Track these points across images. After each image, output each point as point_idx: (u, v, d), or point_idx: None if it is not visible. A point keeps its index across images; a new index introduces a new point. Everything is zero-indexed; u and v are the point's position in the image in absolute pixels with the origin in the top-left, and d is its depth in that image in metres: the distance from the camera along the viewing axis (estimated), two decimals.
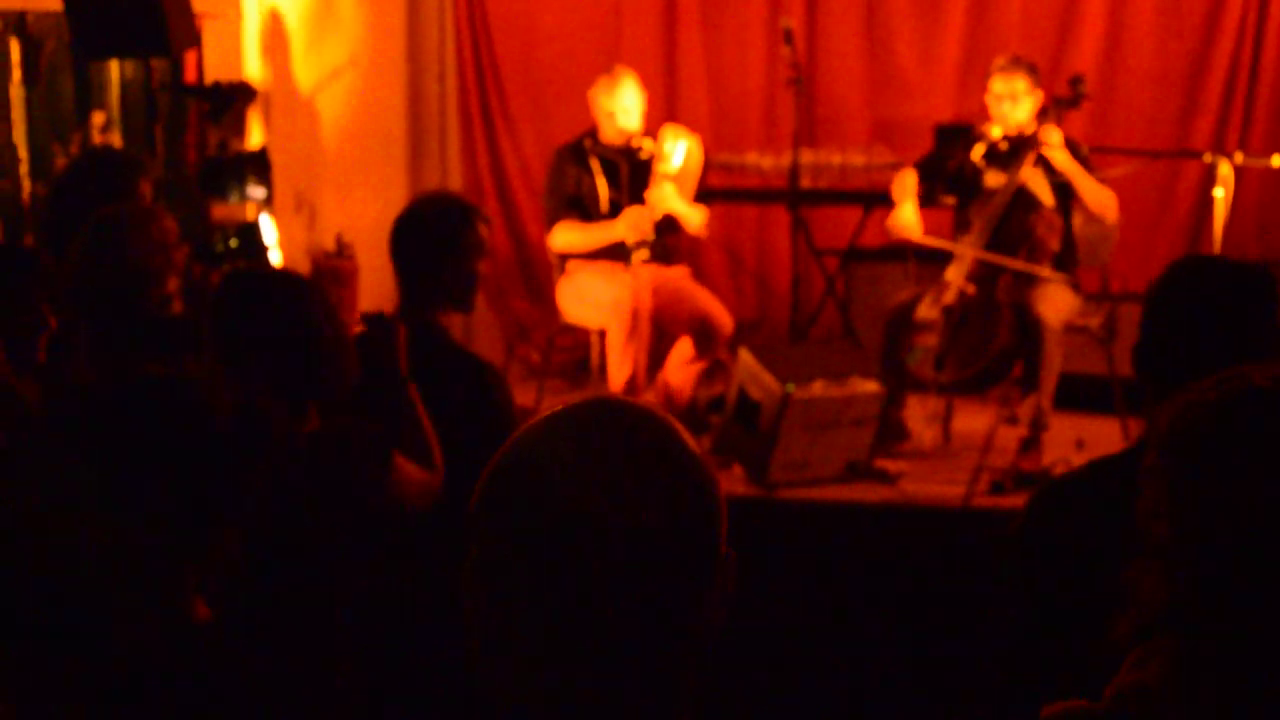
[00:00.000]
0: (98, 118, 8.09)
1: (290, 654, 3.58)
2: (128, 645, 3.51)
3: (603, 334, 7.61)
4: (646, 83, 7.69)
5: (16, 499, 4.66)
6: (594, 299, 7.51)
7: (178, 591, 3.96)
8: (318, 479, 3.88)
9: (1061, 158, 6.91)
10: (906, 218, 7.14)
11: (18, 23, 8.10)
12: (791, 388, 6.35)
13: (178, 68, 7.81)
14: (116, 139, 7.95)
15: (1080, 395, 7.19)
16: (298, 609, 3.68)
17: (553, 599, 1.44)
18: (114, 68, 8.16)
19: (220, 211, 7.68)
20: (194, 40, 7.40)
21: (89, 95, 8.32)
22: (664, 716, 1.48)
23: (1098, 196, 6.99)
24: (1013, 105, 7.04)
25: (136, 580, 3.83)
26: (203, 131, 7.91)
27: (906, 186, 7.30)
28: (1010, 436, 6.81)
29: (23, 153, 8.05)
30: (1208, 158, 7.35)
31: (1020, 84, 7.05)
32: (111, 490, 3.62)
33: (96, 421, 4.12)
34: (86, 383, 4.87)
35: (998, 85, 7.11)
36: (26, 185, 7.89)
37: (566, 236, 7.49)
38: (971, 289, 6.97)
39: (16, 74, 8.13)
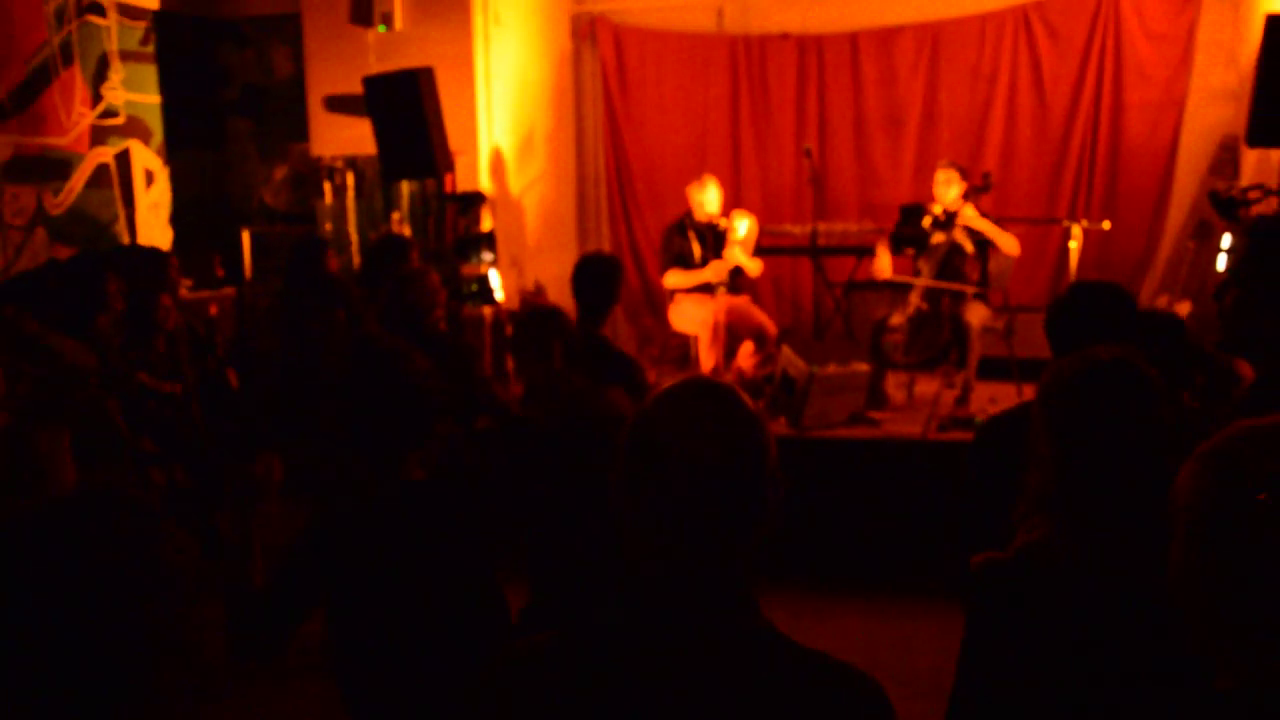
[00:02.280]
0: (395, 216, 8.25)
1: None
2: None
3: (696, 339, 7.58)
4: (721, 183, 7.62)
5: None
6: (691, 317, 7.50)
7: None
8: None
9: (979, 223, 6.91)
10: (882, 265, 7.13)
11: (352, 162, 8.27)
12: (815, 369, 6.32)
13: (441, 184, 7.84)
14: (406, 229, 8.09)
15: (992, 370, 7.06)
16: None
17: (667, 497, 1.45)
18: (405, 185, 8.20)
19: (466, 269, 7.82)
20: (450, 167, 7.52)
21: (390, 202, 8.36)
22: (736, 574, 1.48)
23: (1005, 241, 6.93)
24: (946, 190, 7.00)
25: None
26: (455, 221, 7.92)
27: (883, 255, 7.19)
28: (949, 396, 6.81)
29: (354, 237, 8.24)
30: (1066, 223, 7.40)
31: (953, 177, 7.01)
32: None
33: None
34: None
35: (939, 177, 7.06)
36: (355, 257, 8.09)
37: (674, 278, 7.44)
38: (925, 305, 6.96)
39: (351, 192, 8.29)
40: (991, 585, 2.04)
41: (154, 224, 8.79)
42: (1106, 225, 7.67)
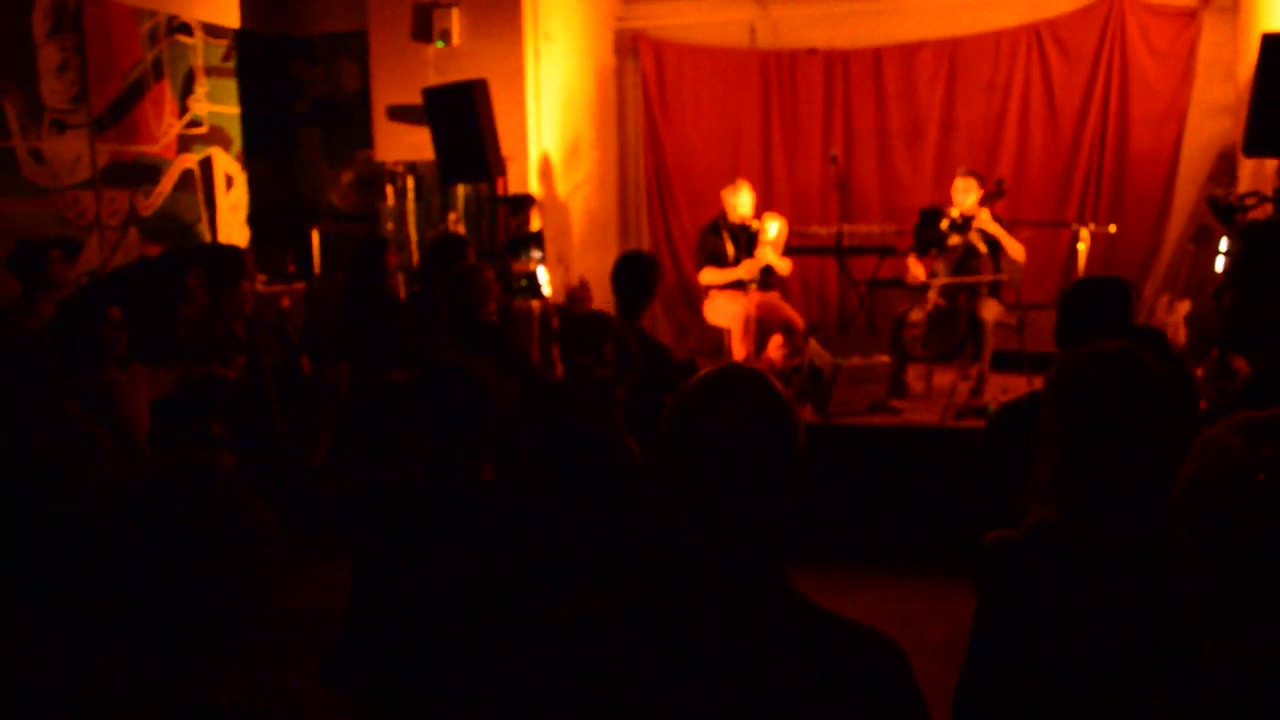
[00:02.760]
0: (451, 216, 8.29)
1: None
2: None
3: (730, 332, 7.54)
4: (753, 187, 7.63)
5: None
6: (725, 311, 7.49)
7: None
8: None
9: (992, 227, 6.89)
10: (916, 273, 7.07)
11: (412, 167, 8.34)
12: (840, 360, 6.30)
13: (494, 187, 7.81)
14: (461, 228, 8.12)
15: (1004, 363, 7.01)
16: None
17: (706, 473, 1.46)
18: (460, 188, 8.22)
19: (517, 266, 7.78)
20: (502, 171, 7.46)
21: (447, 203, 8.40)
22: (768, 545, 1.48)
23: (1013, 247, 6.92)
24: (965, 196, 6.99)
25: None
26: (507, 221, 7.91)
27: (915, 265, 7.13)
28: (964, 387, 6.80)
29: (413, 236, 8.31)
30: (1075, 226, 7.33)
31: (971, 185, 6.99)
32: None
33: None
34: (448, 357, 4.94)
35: (959, 184, 7.03)
36: (415, 254, 8.14)
37: (709, 275, 7.44)
38: (942, 302, 6.92)
39: (411, 194, 8.37)
40: (1003, 561, 2.04)
41: (233, 224, 8.89)
42: (1112, 228, 7.61)
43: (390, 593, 2.74)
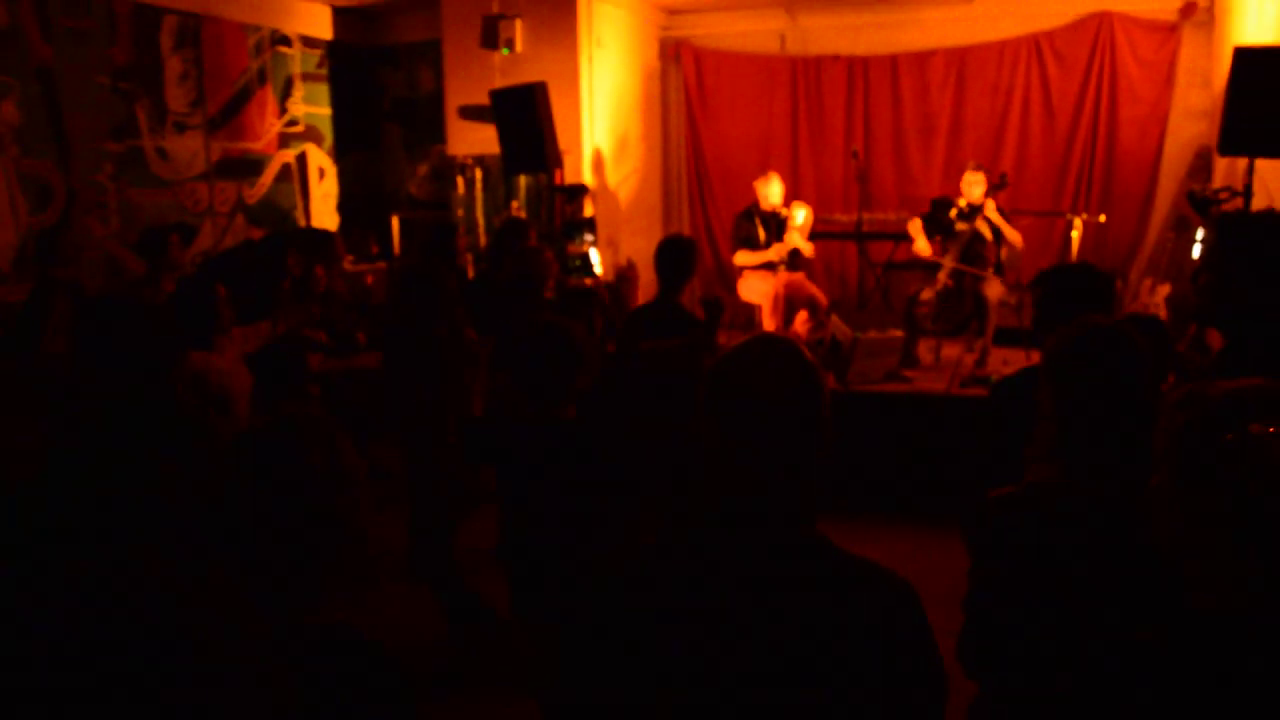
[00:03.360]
0: (514, 204, 8.32)
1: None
2: None
3: (760, 308, 7.42)
4: (782, 178, 7.51)
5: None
6: (756, 290, 7.39)
7: None
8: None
9: (995, 216, 6.84)
10: (920, 245, 7.08)
11: (480, 160, 8.34)
12: (858, 334, 6.29)
13: (551, 177, 7.75)
14: (523, 214, 8.11)
15: (1006, 338, 6.94)
16: None
17: (743, 427, 1.44)
18: (523, 179, 8.28)
19: (571, 248, 7.78)
20: (559, 163, 7.44)
21: (510, 192, 8.43)
22: (798, 492, 1.46)
23: (1013, 235, 6.88)
24: (972, 188, 6.93)
25: None
26: (563, 208, 7.88)
27: (918, 227, 7.13)
28: (970, 359, 6.68)
29: (480, 221, 8.34)
30: (1069, 216, 7.30)
31: (979, 178, 6.93)
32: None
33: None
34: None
35: (968, 178, 6.97)
36: (482, 237, 8.20)
37: (742, 257, 7.36)
38: (950, 283, 6.90)
39: (479, 184, 8.40)
40: (1004, 514, 2.02)
41: (324, 211, 9.03)
42: (1102, 218, 7.61)
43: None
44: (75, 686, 0.77)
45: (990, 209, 6.89)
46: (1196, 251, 6.79)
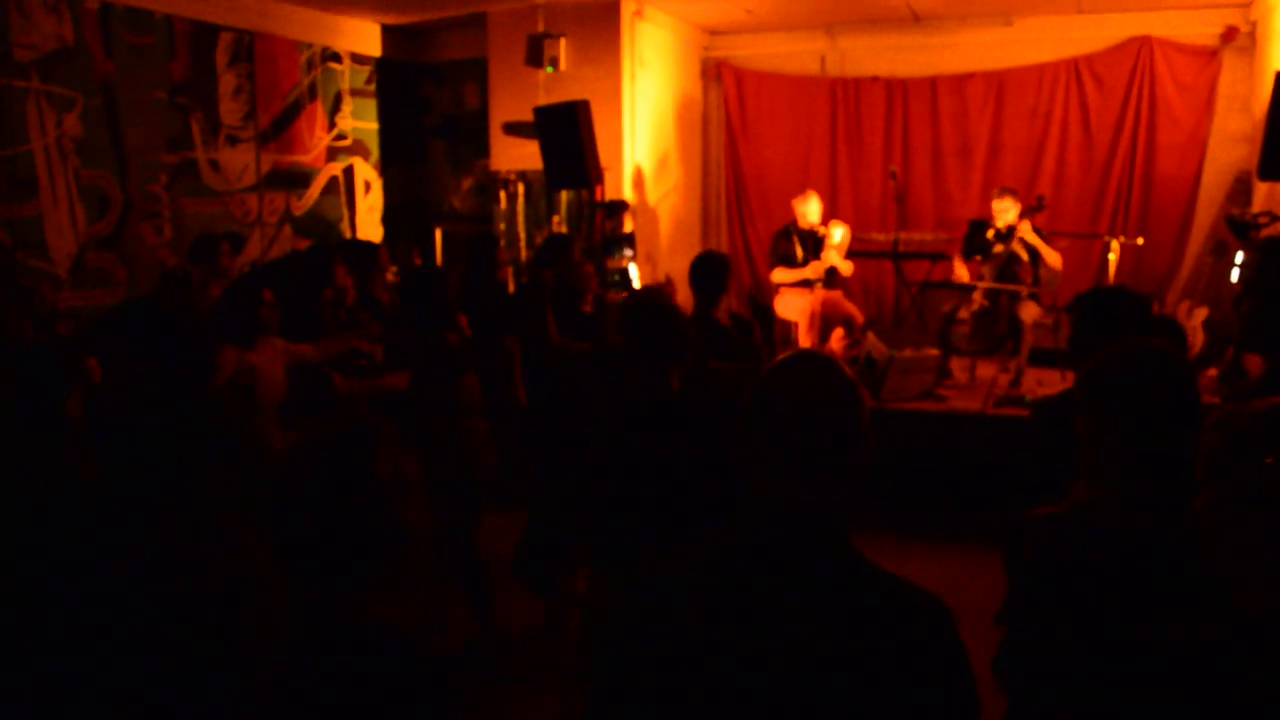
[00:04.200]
0: (555, 219, 8.35)
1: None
2: None
3: (797, 325, 7.44)
4: (821, 197, 7.53)
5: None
6: (793, 307, 7.42)
7: None
8: None
9: (1031, 238, 6.82)
10: (961, 273, 7.11)
11: (522, 175, 8.37)
12: (894, 353, 6.29)
13: (593, 193, 7.88)
14: (564, 228, 8.19)
15: (1041, 359, 6.95)
16: None
17: (785, 441, 1.44)
18: (564, 194, 8.27)
19: (611, 263, 7.77)
20: (600, 179, 7.47)
21: (552, 207, 8.44)
22: (835, 507, 1.44)
23: (1051, 256, 6.86)
24: (1002, 214, 6.94)
25: None
26: (603, 224, 7.84)
27: (959, 266, 7.17)
28: (1004, 379, 6.71)
29: (522, 235, 8.40)
30: (1106, 238, 7.33)
31: (1010, 201, 6.94)
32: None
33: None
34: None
35: (996, 205, 7.00)
36: (523, 251, 8.25)
37: (780, 274, 7.36)
38: (986, 303, 6.91)
39: (521, 199, 8.44)
40: (1046, 533, 2.00)
41: (370, 223, 9.14)
42: (1139, 241, 7.60)
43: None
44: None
45: (1026, 230, 6.88)
46: (1235, 275, 6.76)
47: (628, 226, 8.09)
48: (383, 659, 1.65)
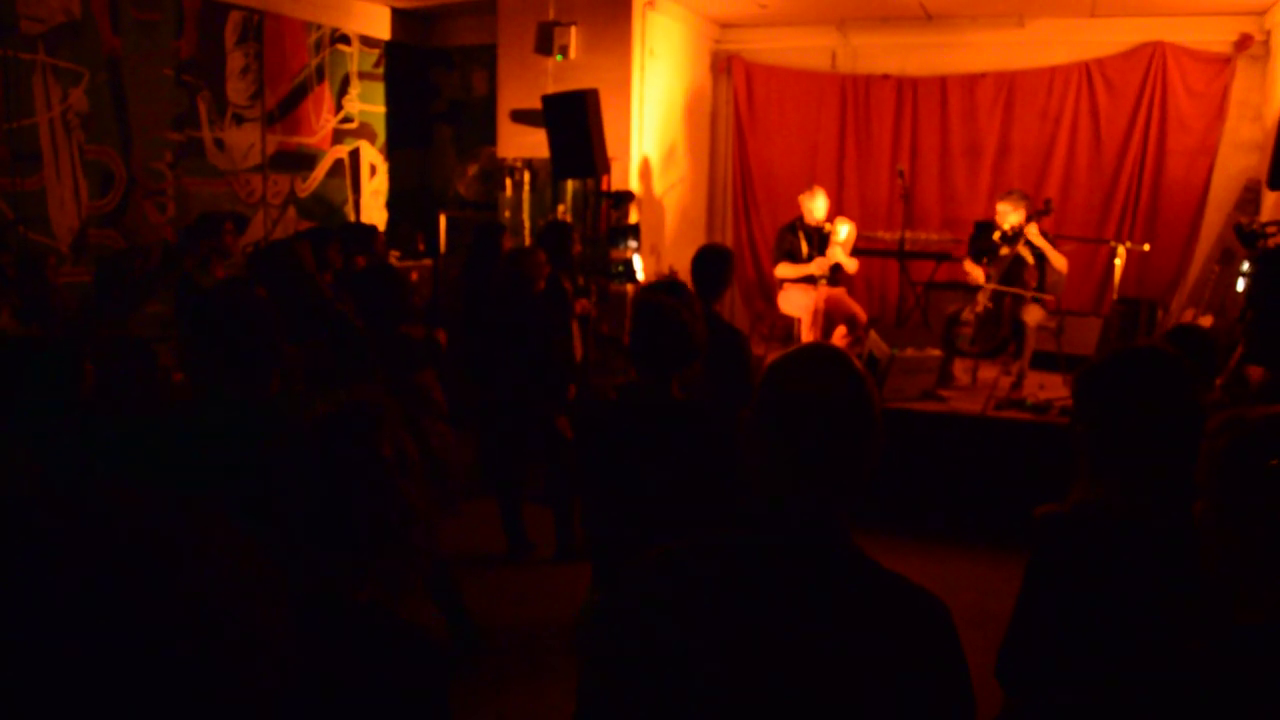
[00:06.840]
0: (560, 207, 8.31)
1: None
2: None
3: (800, 321, 7.52)
4: (827, 194, 7.59)
5: None
6: (796, 303, 7.49)
7: None
8: None
9: (1038, 240, 6.82)
10: (975, 275, 7.03)
11: (529, 163, 8.34)
12: (896, 351, 6.28)
13: (599, 183, 7.83)
14: (569, 218, 8.12)
15: (1042, 362, 7.00)
16: None
17: (794, 436, 1.41)
18: (570, 183, 8.19)
19: (615, 253, 7.86)
20: (607, 169, 7.48)
21: (558, 196, 8.39)
22: (840, 504, 1.42)
23: (1057, 259, 6.86)
24: (1006, 217, 6.93)
25: None
26: (609, 214, 7.93)
27: (973, 268, 7.11)
28: (1006, 381, 6.75)
29: (526, 223, 8.35)
30: (1113, 243, 7.27)
31: (1008, 209, 6.93)
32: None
33: None
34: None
35: (1000, 208, 7.00)
36: (527, 238, 8.14)
37: (784, 270, 7.41)
38: (990, 305, 6.90)
39: (527, 186, 8.39)
40: (1052, 531, 2.00)
41: (374, 207, 9.12)
42: (1146, 247, 7.54)
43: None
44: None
45: (1033, 233, 6.87)
46: (1241, 284, 6.73)
47: (633, 217, 8.11)
48: (388, 641, 1.66)
